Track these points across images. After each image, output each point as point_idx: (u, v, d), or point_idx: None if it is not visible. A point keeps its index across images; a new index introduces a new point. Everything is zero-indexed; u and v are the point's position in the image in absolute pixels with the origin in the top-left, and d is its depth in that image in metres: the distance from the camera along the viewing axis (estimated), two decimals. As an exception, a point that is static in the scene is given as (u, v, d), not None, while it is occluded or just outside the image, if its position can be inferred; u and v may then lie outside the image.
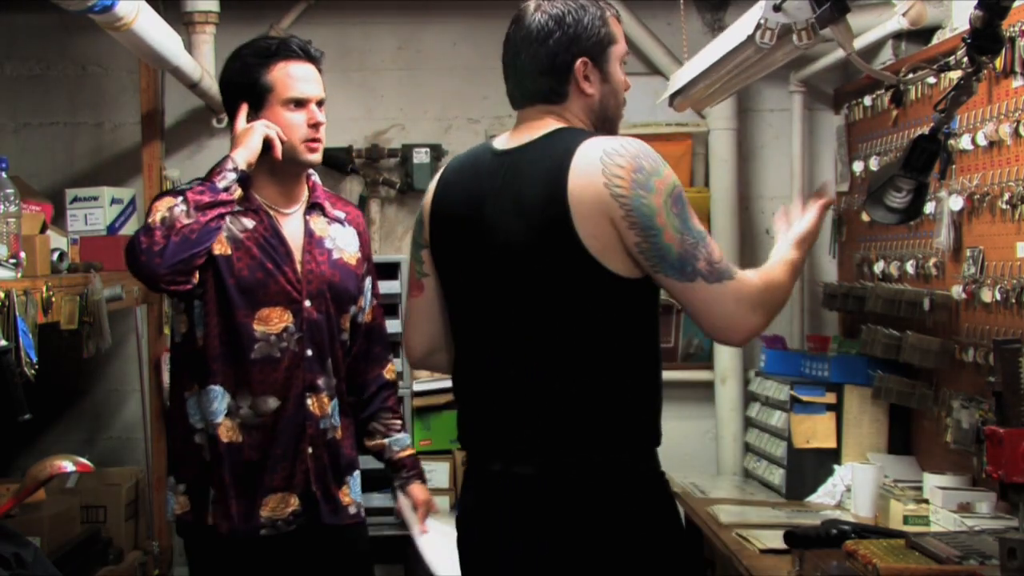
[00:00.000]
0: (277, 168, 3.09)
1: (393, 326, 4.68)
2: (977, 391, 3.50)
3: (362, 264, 3.25)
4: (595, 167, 2.35)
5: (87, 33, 4.89)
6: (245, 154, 3.02)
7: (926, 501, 3.48)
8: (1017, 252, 3.26)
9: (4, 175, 3.15)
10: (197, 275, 2.97)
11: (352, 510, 3.17)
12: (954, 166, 3.59)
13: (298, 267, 3.10)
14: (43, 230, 3.57)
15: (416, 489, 3.28)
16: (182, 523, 3.09)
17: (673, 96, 3.90)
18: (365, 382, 3.28)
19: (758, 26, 2.70)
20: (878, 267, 4.25)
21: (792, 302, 5.03)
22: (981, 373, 3.45)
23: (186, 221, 2.89)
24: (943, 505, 3.35)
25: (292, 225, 3.14)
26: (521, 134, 2.51)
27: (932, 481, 3.54)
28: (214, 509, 3.03)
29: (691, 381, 5.02)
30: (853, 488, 3.84)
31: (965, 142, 3.50)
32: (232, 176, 2.99)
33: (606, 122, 2.56)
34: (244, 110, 3.09)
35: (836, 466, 4.09)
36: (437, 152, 4.96)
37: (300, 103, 3.07)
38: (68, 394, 5.02)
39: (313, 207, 3.18)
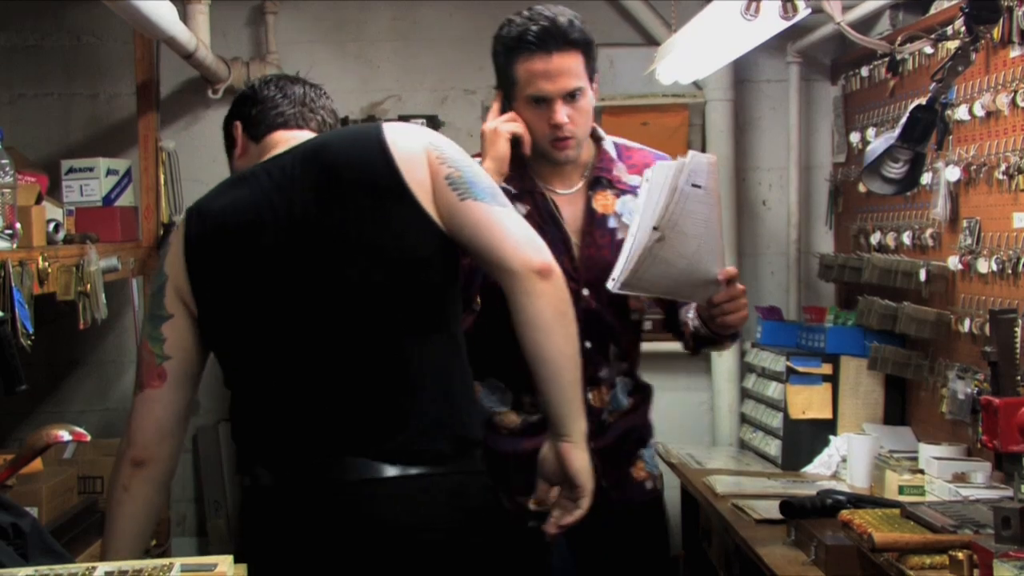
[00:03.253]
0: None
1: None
2: (973, 361, 3.51)
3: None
4: (410, 127, 2.39)
5: (81, 3, 4.88)
6: (494, 167, 2.80)
7: (921, 471, 3.49)
8: (1014, 222, 3.26)
9: (-1, 146, 3.14)
10: (477, 300, 2.83)
11: (648, 485, 3.02)
12: (951, 136, 3.58)
13: (575, 252, 2.89)
14: (38, 201, 3.56)
15: None
16: None
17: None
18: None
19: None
20: (874, 238, 4.25)
21: (788, 273, 5.05)
22: (977, 343, 3.45)
23: None
24: (938, 475, 3.36)
25: (572, 205, 2.93)
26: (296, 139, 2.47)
27: (927, 451, 3.54)
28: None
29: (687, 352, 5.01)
30: (849, 458, 3.84)
31: (962, 112, 3.50)
32: None
33: None
34: (499, 99, 2.91)
35: (832, 437, 4.10)
36: (434, 123, 4.94)
37: (540, 101, 2.81)
38: (64, 365, 5.02)
39: (597, 181, 2.94)
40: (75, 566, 1.86)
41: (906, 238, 3.96)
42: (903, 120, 2.98)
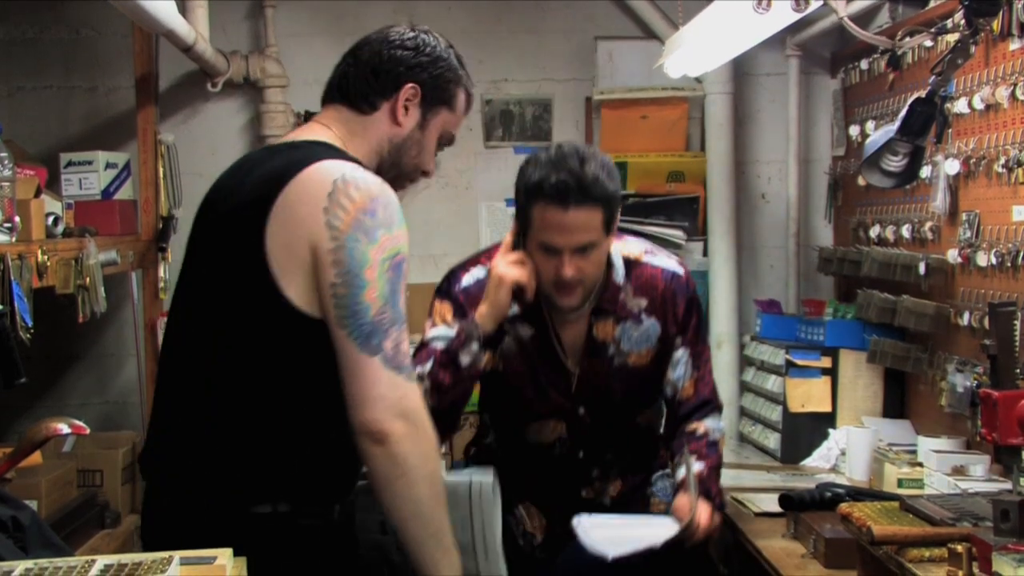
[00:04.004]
0: None
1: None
2: (972, 355, 3.51)
3: (656, 352, 3.04)
4: (324, 185, 2.15)
5: (80, -4, 4.88)
6: (491, 313, 2.84)
7: (920, 464, 3.49)
8: (1013, 216, 3.26)
9: (-2, 139, 3.14)
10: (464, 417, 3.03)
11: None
12: (950, 130, 3.58)
13: (573, 378, 3.01)
14: (37, 194, 3.56)
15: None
16: None
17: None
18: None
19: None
20: (874, 231, 4.25)
21: (787, 267, 5.05)
22: (976, 337, 3.45)
23: (432, 404, 2.49)
24: (937, 468, 3.36)
25: (574, 329, 3.00)
26: (296, 135, 2.43)
27: (926, 444, 3.55)
28: None
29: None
30: (848, 452, 3.85)
31: (962, 105, 3.49)
32: (476, 347, 2.83)
33: (392, 169, 2.40)
34: (514, 231, 2.91)
35: (831, 430, 4.10)
36: (433, 116, 4.94)
37: (551, 248, 2.83)
38: (64, 359, 5.02)
39: (601, 310, 2.99)
40: (74, 559, 1.86)
41: (905, 231, 3.96)
42: (902, 113, 2.98)
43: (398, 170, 2.42)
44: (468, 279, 3.00)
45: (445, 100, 2.44)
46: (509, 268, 2.83)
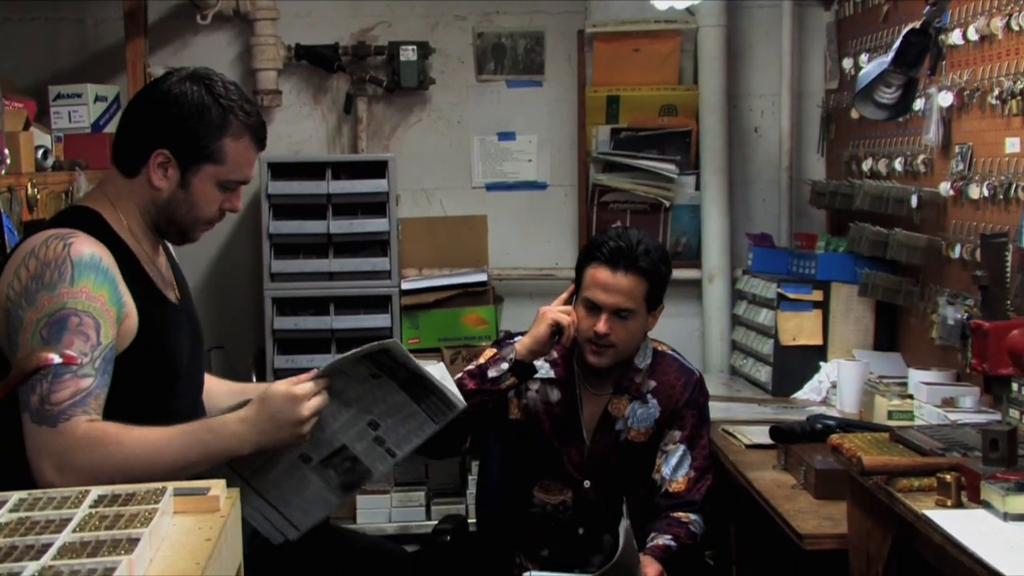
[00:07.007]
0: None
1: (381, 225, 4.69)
2: (963, 287, 3.51)
3: (653, 433, 3.25)
4: (18, 259, 2.30)
5: (67, -74, 4.81)
6: (529, 344, 3.12)
7: (910, 396, 3.51)
8: (1006, 148, 3.25)
9: (-15, 70, 3.11)
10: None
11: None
12: (944, 61, 3.56)
13: (586, 447, 3.25)
14: (26, 127, 3.53)
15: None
16: None
17: None
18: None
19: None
20: (866, 164, 4.24)
21: (780, 200, 5.03)
22: (968, 269, 3.46)
23: None
24: (927, 400, 3.38)
25: (595, 405, 3.27)
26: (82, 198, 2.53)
27: (917, 377, 3.56)
28: None
29: (678, 279, 4.98)
30: (839, 384, 3.86)
31: (956, 37, 3.47)
32: (505, 366, 3.12)
33: (171, 226, 2.49)
34: (570, 292, 3.21)
35: (822, 363, 4.12)
36: (424, 50, 4.90)
37: (593, 306, 3.13)
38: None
39: (620, 387, 3.26)
40: (68, 490, 1.87)
41: (898, 164, 3.95)
42: (896, 44, 2.97)
43: (177, 226, 2.49)
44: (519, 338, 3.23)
45: (204, 157, 2.42)
46: (554, 310, 3.12)
